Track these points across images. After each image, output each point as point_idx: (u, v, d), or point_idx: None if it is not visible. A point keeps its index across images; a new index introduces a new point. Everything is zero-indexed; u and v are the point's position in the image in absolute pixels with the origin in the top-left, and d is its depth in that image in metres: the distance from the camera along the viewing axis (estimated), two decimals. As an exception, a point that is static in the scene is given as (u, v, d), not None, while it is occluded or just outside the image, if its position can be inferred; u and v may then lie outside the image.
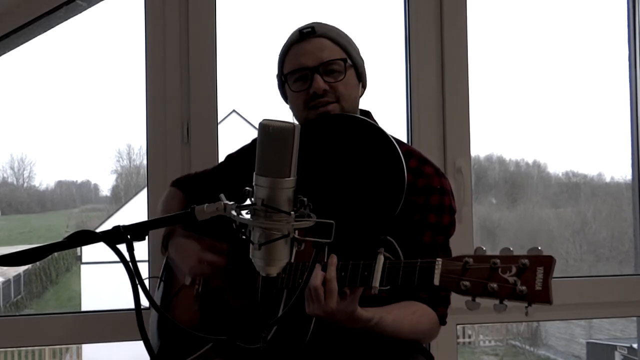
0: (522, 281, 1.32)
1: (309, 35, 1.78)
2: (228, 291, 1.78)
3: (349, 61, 1.79)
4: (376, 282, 1.47)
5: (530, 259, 1.34)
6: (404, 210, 1.69)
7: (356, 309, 1.53)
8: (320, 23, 1.82)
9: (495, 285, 1.34)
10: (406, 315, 1.66)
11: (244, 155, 2.00)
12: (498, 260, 1.35)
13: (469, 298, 1.37)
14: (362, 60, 1.86)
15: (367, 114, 1.88)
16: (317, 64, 1.76)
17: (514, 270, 1.34)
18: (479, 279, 1.36)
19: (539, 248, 1.35)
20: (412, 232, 1.72)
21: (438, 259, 1.43)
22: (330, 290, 1.49)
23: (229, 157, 2.04)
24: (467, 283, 1.37)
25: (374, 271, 1.48)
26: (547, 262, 1.33)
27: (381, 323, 1.59)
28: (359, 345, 1.69)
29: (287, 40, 1.84)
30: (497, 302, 1.35)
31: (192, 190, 2.02)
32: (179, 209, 1.95)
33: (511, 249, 1.37)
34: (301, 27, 1.81)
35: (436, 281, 1.42)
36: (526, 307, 1.33)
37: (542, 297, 1.32)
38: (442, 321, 1.74)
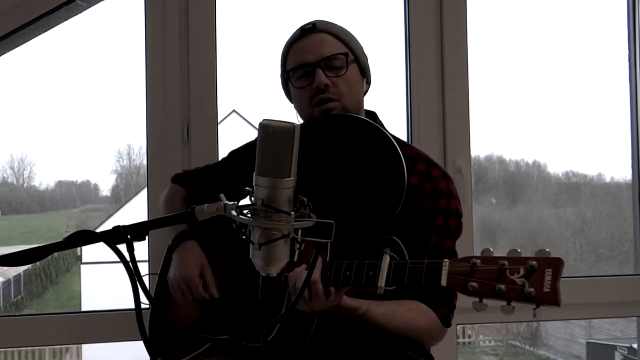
0: (530, 283, 1.32)
1: (310, 32, 1.79)
2: (230, 288, 1.78)
3: (350, 55, 1.79)
4: (381, 282, 1.47)
5: (538, 261, 1.33)
6: (411, 213, 1.69)
7: (341, 301, 1.55)
8: (323, 20, 1.82)
9: (503, 287, 1.33)
10: (400, 311, 1.66)
11: (248, 151, 1.97)
12: (506, 262, 1.34)
13: (476, 299, 1.36)
14: (366, 57, 1.86)
15: (372, 114, 1.88)
16: (318, 59, 1.76)
17: (522, 271, 1.33)
18: (486, 280, 1.35)
19: (547, 250, 1.34)
20: (419, 234, 1.71)
21: (445, 259, 1.43)
22: (315, 292, 1.50)
23: (233, 153, 2.03)
24: (475, 284, 1.36)
25: (379, 271, 1.48)
26: (556, 264, 1.33)
27: (369, 313, 1.60)
28: (359, 345, 1.69)
29: (289, 38, 1.85)
30: (504, 303, 1.34)
31: (195, 187, 2.00)
32: (182, 207, 1.94)
33: (519, 250, 1.36)
34: (303, 25, 1.82)
35: (443, 282, 1.41)
36: (534, 308, 1.33)
37: (550, 299, 1.32)
38: (446, 323, 1.73)
